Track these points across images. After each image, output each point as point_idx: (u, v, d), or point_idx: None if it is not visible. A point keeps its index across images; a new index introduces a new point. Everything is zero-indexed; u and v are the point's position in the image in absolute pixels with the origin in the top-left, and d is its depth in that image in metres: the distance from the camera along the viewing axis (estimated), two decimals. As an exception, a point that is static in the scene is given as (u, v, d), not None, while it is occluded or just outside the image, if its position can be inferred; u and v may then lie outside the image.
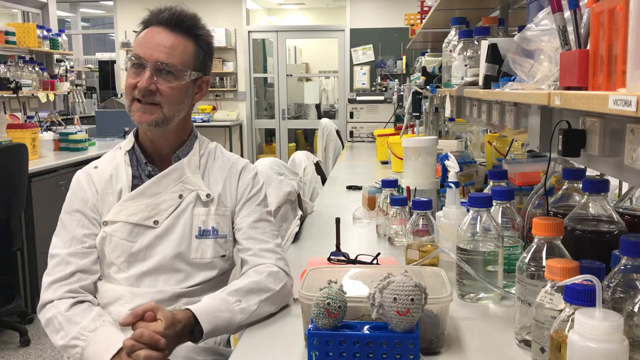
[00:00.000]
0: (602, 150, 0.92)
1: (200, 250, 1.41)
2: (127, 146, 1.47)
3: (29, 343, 3.40)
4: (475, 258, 1.29)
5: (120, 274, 1.39)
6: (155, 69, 1.35)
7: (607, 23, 0.72)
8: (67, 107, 6.51)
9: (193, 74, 1.40)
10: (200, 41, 1.43)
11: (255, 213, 1.46)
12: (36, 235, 3.63)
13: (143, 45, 1.37)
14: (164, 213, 1.40)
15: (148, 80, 1.34)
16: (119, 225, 1.39)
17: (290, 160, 3.10)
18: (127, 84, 1.39)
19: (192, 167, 1.45)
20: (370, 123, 6.76)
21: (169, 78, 1.37)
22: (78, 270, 1.37)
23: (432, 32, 3.35)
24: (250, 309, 1.27)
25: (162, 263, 1.39)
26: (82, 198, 1.42)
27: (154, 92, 1.36)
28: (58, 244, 1.40)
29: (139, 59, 1.36)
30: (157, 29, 1.39)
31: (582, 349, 0.74)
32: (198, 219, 1.42)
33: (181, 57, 1.38)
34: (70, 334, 1.27)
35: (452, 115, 2.19)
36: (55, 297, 1.33)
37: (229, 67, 8.16)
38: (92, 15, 11.61)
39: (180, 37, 1.39)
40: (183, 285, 1.39)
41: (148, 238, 1.39)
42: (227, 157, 1.53)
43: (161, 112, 1.37)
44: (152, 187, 1.41)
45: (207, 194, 1.43)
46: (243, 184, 1.48)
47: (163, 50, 1.36)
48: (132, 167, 1.45)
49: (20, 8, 5.36)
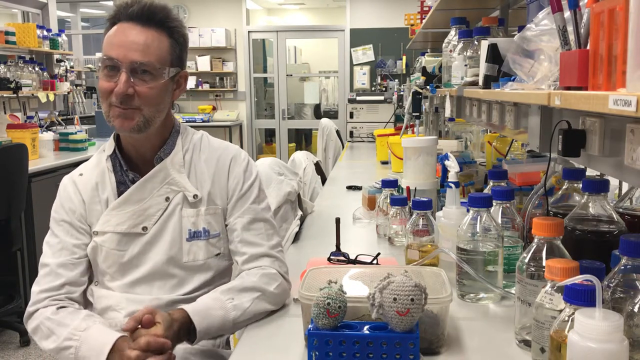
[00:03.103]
0: (602, 150, 0.92)
1: (192, 253, 1.37)
2: (109, 151, 1.41)
3: (29, 343, 3.39)
4: (475, 258, 1.28)
5: (114, 282, 1.37)
6: (131, 70, 1.26)
7: (607, 23, 0.72)
8: (67, 107, 6.51)
9: (171, 70, 1.32)
10: (174, 34, 1.34)
11: (249, 213, 1.39)
12: (36, 235, 3.63)
13: (115, 45, 1.27)
14: (152, 218, 1.36)
15: (125, 84, 1.25)
16: (107, 236, 1.36)
17: (290, 160, 3.09)
18: (101, 88, 1.29)
19: (177, 167, 1.37)
20: (370, 123, 6.75)
21: (147, 78, 1.28)
22: (67, 282, 1.35)
23: (432, 32, 3.35)
24: (244, 306, 1.26)
25: (155, 269, 1.36)
26: (70, 208, 1.39)
27: (131, 96, 1.27)
28: (48, 253, 1.38)
29: (112, 61, 1.26)
30: (127, 25, 1.29)
31: (582, 349, 0.74)
32: (187, 220, 1.36)
33: (157, 54, 1.29)
34: (62, 336, 1.25)
35: (452, 115, 2.19)
36: (41, 306, 1.32)
37: (229, 67, 8.16)
38: (92, 15, 11.61)
39: (154, 31, 1.29)
40: (180, 292, 1.37)
41: (138, 245, 1.36)
42: (214, 148, 1.44)
43: (141, 115, 1.29)
44: (136, 193, 1.36)
45: (194, 195, 1.36)
46: (234, 180, 1.40)
47: (137, 49, 1.26)
48: (116, 173, 1.39)
49: (20, 8, 5.36)
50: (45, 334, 1.28)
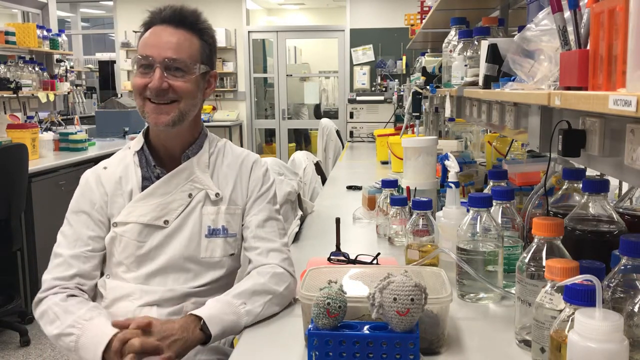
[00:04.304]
0: (602, 150, 0.92)
1: (210, 250, 1.42)
2: (137, 146, 1.47)
3: (29, 343, 3.39)
4: (475, 258, 1.29)
5: (129, 273, 1.40)
6: (165, 66, 1.35)
7: (607, 23, 0.72)
8: (67, 107, 6.51)
9: (202, 67, 1.41)
10: (204, 35, 1.43)
11: (264, 211, 1.47)
12: (36, 235, 3.62)
13: (149, 44, 1.37)
14: (174, 212, 1.41)
15: (159, 79, 1.34)
16: (129, 227, 1.39)
17: (290, 160, 3.10)
18: (135, 84, 1.38)
19: (202, 166, 1.45)
20: (370, 123, 6.75)
21: (180, 74, 1.37)
22: (78, 274, 1.38)
23: (432, 32, 3.35)
24: (256, 311, 1.28)
25: (172, 262, 1.39)
26: (90, 199, 1.43)
27: (166, 90, 1.35)
28: (62, 243, 1.41)
29: (147, 59, 1.35)
30: (160, 27, 1.38)
31: (582, 349, 0.74)
32: (207, 217, 1.42)
33: (189, 52, 1.38)
34: (65, 323, 1.28)
35: (452, 115, 2.19)
36: (51, 293, 1.34)
37: (229, 67, 8.16)
38: (92, 15, 11.61)
39: (185, 32, 1.39)
40: (192, 285, 1.40)
41: (158, 238, 1.40)
42: (237, 154, 1.52)
43: (177, 109, 1.37)
44: (162, 187, 1.42)
45: (216, 193, 1.43)
46: (254, 181, 1.49)
47: (170, 47, 1.35)
48: (142, 169, 1.45)
49: (20, 8, 5.37)
50: (51, 318, 1.31)
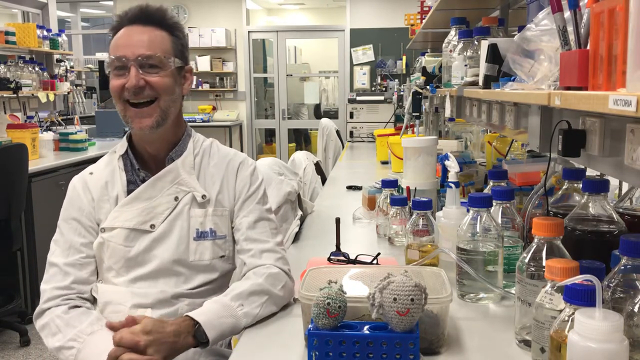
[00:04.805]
0: (602, 150, 0.92)
1: (199, 253, 1.40)
2: (121, 150, 1.46)
3: (29, 343, 3.39)
4: (475, 258, 1.28)
5: (119, 277, 1.39)
6: (139, 64, 1.34)
7: (607, 23, 0.72)
8: (67, 107, 6.50)
9: (177, 61, 1.39)
10: (175, 31, 1.42)
11: (254, 212, 1.44)
12: (36, 235, 3.62)
13: (121, 45, 1.35)
14: (160, 216, 1.39)
15: (135, 77, 1.32)
16: (116, 232, 1.38)
17: (290, 160, 3.10)
18: (113, 87, 1.36)
19: (187, 168, 1.42)
20: (370, 123, 6.75)
21: (155, 70, 1.35)
22: (76, 281, 1.37)
23: (432, 32, 3.35)
24: (254, 312, 1.28)
25: (161, 267, 1.38)
26: (79, 206, 1.42)
27: (143, 88, 1.34)
28: (56, 252, 1.40)
29: (120, 60, 1.34)
30: (129, 28, 1.37)
31: (582, 349, 0.74)
32: (195, 220, 1.40)
33: (161, 47, 1.37)
34: (67, 336, 1.28)
35: (452, 115, 2.19)
36: (53, 305, 1.34)
37: (229, 67, 8.15)
38: (92, 15, 11.61)
39: (155, 29, 1.38)
40: (184, 287, 1.39)
41: (145, 242, 1.38)
42: (223, 154, 1.50)
43: (158, 108, 1.36)
44: (147, 191, 1.40)
45: (202, 195, 1.41)
46: (241, 182, 1.46)
47: (142, 45, 1.34)
48: (127, 173, 1.44)
49: (20, 8, 5.37)
50: (53, 331, 1.30)
